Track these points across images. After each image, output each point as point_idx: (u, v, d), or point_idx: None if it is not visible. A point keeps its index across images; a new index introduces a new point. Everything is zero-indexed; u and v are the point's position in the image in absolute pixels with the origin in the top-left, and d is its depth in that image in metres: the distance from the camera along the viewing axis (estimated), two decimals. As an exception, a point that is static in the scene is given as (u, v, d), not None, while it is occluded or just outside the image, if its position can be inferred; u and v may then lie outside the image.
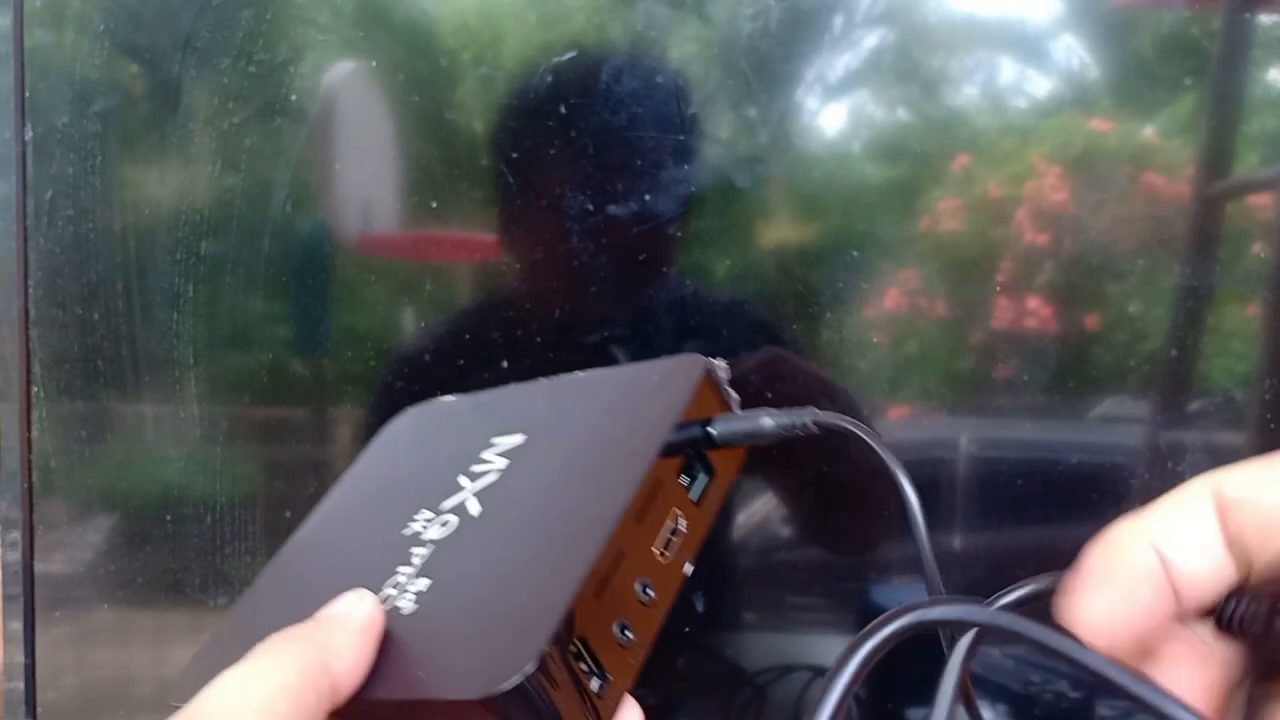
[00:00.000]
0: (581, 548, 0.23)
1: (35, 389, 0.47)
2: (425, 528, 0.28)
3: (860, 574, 0.48)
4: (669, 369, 0.28)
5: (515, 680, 0.20)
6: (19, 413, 0.47)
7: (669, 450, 0.26)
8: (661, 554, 0.25)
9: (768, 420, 0.27)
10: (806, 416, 0.26)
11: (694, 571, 0.47)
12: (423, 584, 0.25)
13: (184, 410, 0.47)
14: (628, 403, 0.28)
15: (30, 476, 0.47)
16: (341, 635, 0.23)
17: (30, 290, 0.46)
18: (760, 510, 0.48)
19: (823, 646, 0.48)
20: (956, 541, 0.47)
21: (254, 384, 0.47)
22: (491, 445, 0.30)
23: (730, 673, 0.48)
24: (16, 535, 0.47)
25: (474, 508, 0.27)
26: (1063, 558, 0.22)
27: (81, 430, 0.47)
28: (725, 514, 0.47)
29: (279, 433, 0.47)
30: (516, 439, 0.30)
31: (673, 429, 0.26)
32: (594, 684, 0.22)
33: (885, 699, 0.48)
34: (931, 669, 0.21)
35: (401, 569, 0.26)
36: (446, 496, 0.28)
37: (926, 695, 0.49)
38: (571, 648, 0.22)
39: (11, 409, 0.47)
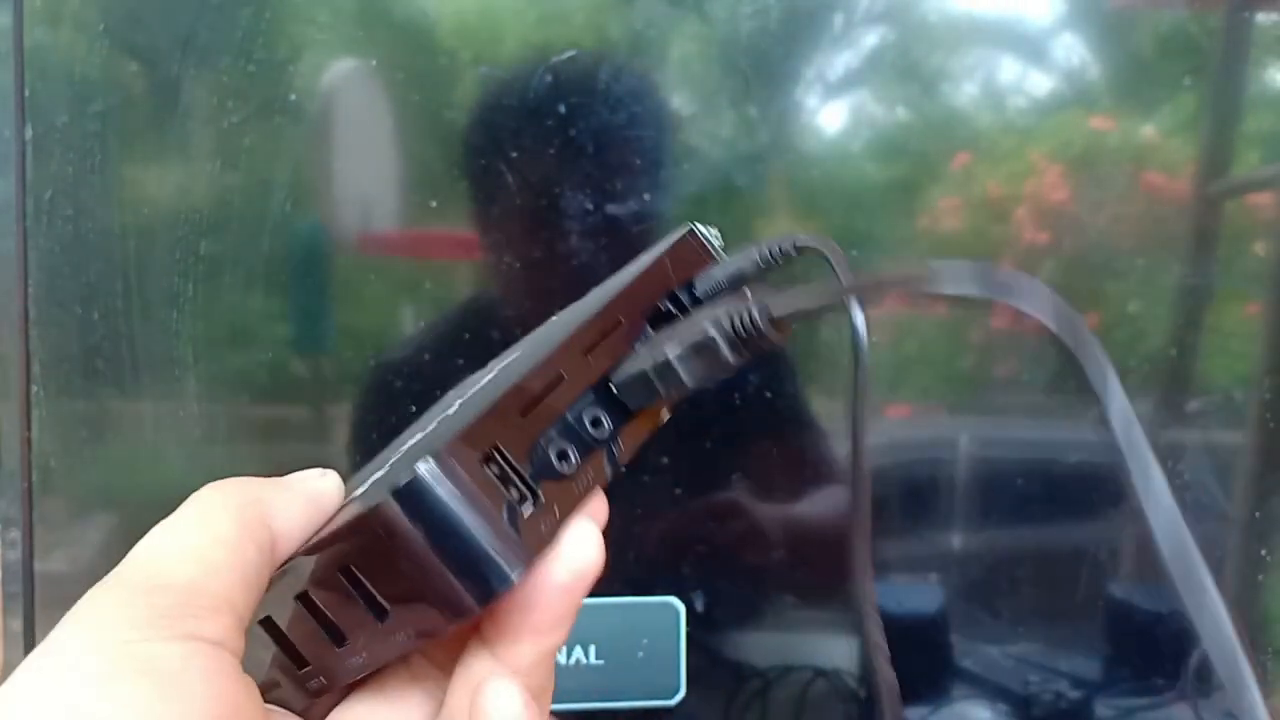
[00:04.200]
0: (514, 373, 0.23)
1: (35, 388, 0.46)
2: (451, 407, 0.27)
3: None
4: (663, 243, 0.28)
5: (408, 478, 0.19)
6: (19, 412, 0.47)
7: (648, 308, 0.25)
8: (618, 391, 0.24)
9: (745, 262, 0.26)
10: (785, 242, 0.25)
11: (693, 570, 0.47)
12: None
13: (184, 409, 0.47)
14: (620, 273, 0.28)
15: (30, 476, 0.47)
16: (284, 494, 0.22)
17: (30, 290, 0.46)
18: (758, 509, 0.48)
19: (823, 646, 0.48)
20: (956, 541, 0.47)
21: (254, 383, 0.47)
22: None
23: (730, 673, 0.48)
24: (16, 534, 0.47)
25: (485, 378, 0.27)
26: (1063, 557, 0.21)
27: (81, 430, 0.47)
28: (722, 514, 0.47)
29: (279, 432, 0.47)
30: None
31: (644, 278, 0.25)
32: (520, 500, 0.21)
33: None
34: (931, 669, 0.21)
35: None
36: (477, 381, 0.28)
37: (926, 695, 0.49)
38: (494, 461, 0.20)
39: (11, 408, 0.47)
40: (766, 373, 0.46)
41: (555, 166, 0.45)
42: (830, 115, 0.45)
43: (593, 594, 0.22)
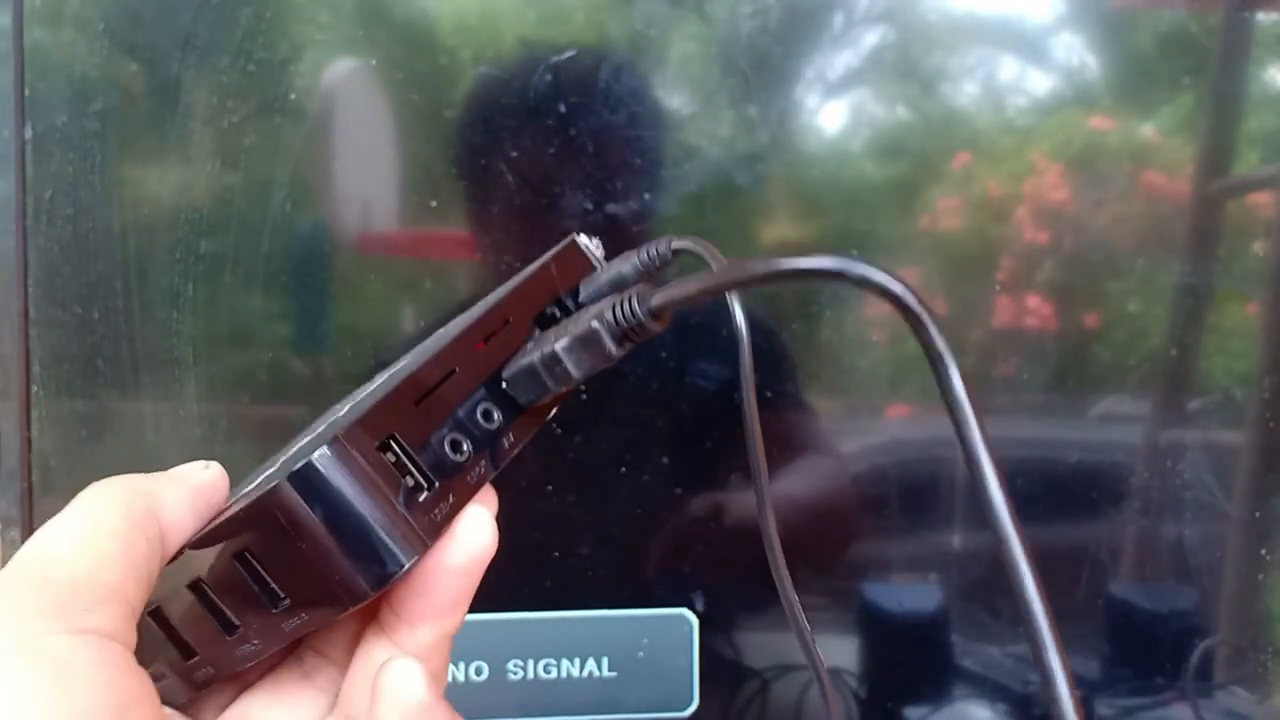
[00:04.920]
0: (408, 368, 0.23)
1: (35, 388, 0.47)
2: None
3: (860, 574, 0.48)
4: (548, 254, 0.29)
5: (305, 462, 0.19)
6: (19, 412, 0.47)
7: (536, 313, 0.26)
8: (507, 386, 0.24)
9: (626, 266, 0.27)
10: (662, 245, 0.26)
11: (688, 570, 0.47)
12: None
13: (184, 409, 0.47)
14: (506, 283, 0.29)
15: (30, 476, 0.47)
16: (171, 487, 0.22)
17: (30, 289, 0.46)
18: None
19: (823, 646, 0.48)
20: (956, 541, 0.47)
21: (254, 383, 0.47)
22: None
23: (730, 672, 0.48)
24: (16, 534, 0.47)
25: (379, 379, 0.28)
26: (1063, 557, 0.21)
27: (81, 430, 0.47)
28: (721, 513, 0.47)
29: (279, 432, 0.47)
30: None
31: (530, 283, 0.26)
32: (415, 488, 0.21)
33: (885, 699, 0.48)
34: (931, 669, 0.21)
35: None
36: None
37: (926, 695, 0.49)
38: (389, 450, 0.21)
39: (11, 408, 0.47)
40: (767, 373, 0.46)
41: (555, 166, 0.45)
42: (830, 115, 0.45)
43: (602, 605, 0.22)
